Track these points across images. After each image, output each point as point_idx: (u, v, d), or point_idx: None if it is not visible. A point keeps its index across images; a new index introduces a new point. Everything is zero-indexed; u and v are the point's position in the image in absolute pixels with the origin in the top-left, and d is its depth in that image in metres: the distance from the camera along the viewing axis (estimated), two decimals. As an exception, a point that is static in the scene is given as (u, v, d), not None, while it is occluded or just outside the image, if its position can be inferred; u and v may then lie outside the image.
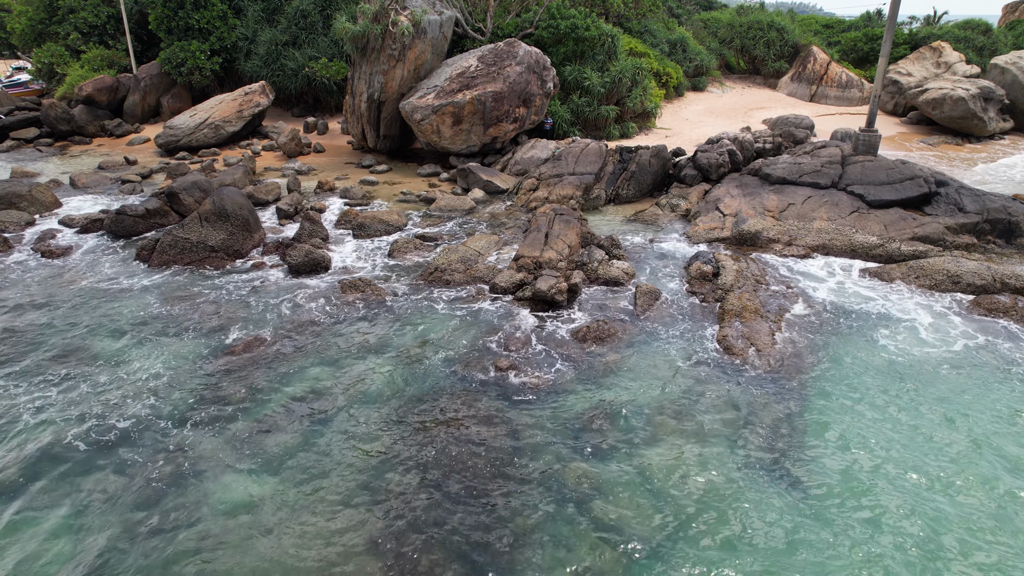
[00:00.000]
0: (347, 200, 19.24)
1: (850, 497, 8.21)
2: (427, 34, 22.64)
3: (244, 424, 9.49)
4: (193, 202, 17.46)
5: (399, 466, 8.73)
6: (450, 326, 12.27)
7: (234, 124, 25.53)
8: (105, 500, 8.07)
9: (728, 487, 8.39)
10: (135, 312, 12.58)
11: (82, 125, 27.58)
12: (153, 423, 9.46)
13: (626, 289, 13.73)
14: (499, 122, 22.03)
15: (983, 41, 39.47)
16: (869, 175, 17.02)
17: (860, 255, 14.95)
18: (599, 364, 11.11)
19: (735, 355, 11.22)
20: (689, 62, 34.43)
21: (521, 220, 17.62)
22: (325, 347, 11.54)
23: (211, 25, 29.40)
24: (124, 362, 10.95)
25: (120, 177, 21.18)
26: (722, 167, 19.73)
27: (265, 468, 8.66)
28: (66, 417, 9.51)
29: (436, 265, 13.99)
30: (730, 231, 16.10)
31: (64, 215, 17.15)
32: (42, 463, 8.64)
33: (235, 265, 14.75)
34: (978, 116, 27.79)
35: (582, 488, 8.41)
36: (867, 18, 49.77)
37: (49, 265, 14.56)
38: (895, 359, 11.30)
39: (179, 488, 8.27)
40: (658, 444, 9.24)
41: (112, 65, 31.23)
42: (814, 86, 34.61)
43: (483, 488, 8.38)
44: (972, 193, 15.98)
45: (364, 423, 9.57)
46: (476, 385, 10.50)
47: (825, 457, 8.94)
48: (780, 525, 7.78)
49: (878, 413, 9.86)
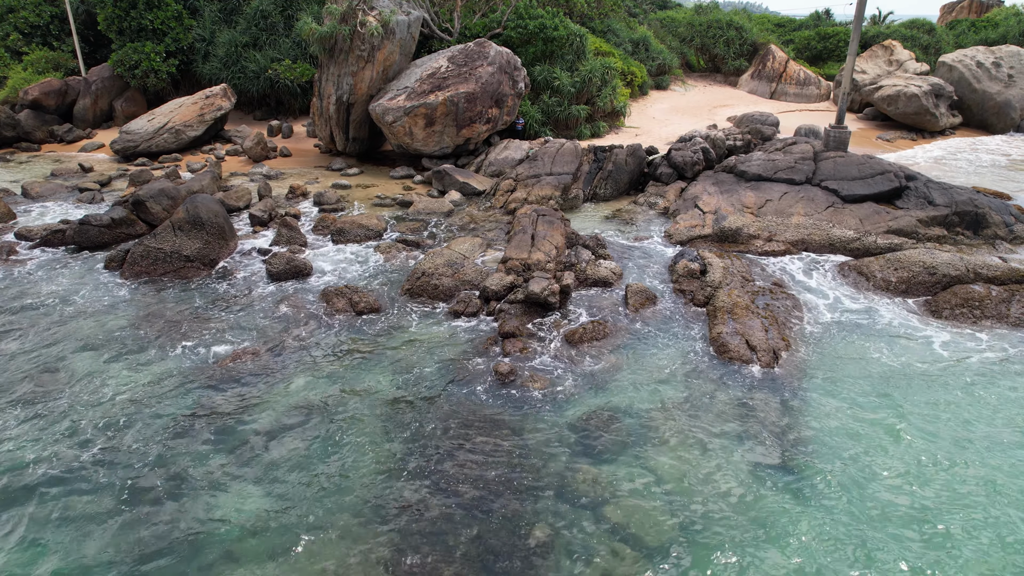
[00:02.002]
0: (321, 205, 18.76)
1: (860, 493, 8.33)
2: (396, 35, 22.26)
3: (239, 440, 9.09)
4: (161, 210, 16.75)
5: (407, 477, 8.49)
6: (442, 332, 12.04)
7: (196, 128, 24.64)
8: (95, 532, 7.60)
9: (738, 488, 8.42)
10: (109, 327, 11.97)
11: (29, 131, 26.20)
12: (140, 444, 8.97)
13: (615, 289, 13.72)
14: (472, 123, 21.81)
15: (928, 40, 41.03)
16: (841, 171, 17.44)
17: (839, 249, 15.29)
18: (597, 366, 11.04)
19: (731, 353, 11.30)
20: (652, 61, 34.81)
21: (502, 222, 17.46)
22: (315, 357, 11.18)
23: (166, 26, 28.33)
24: (103, 381, 10.37)
25: (77, 185, 20.19)
26: (697, 165, 19.96)
27: (266, 485, 8.31)
28: (42, 442, 8.94)
29: (423, 270, 13.72)
30: (711, 228, 16.27)
31: (21, 227, 16.23)
32: (16, 495, 8.09)
33: (212, 275, 14.19)
34: (931, 112, 28.85)
35: (593, 493, 8.33)
36: (816, 17, 51.24)
37: (9, 280, 13.74)
38: (890, 352, 11.56)
39: (177, 511, 7.86)
40: (663, 445, 9.23)
41: (58, 67, 29.80)
42: (774, 84, 35.42)
43: (495, 496, 8.21)
44: (940, 187, 16.53)
45: (365, 434, 9.28)
46: (476, 392, 10.31)
47: (830, 453, 9.05)
48: (792, 525, 7.84)
49: (878, 406, 10.05)
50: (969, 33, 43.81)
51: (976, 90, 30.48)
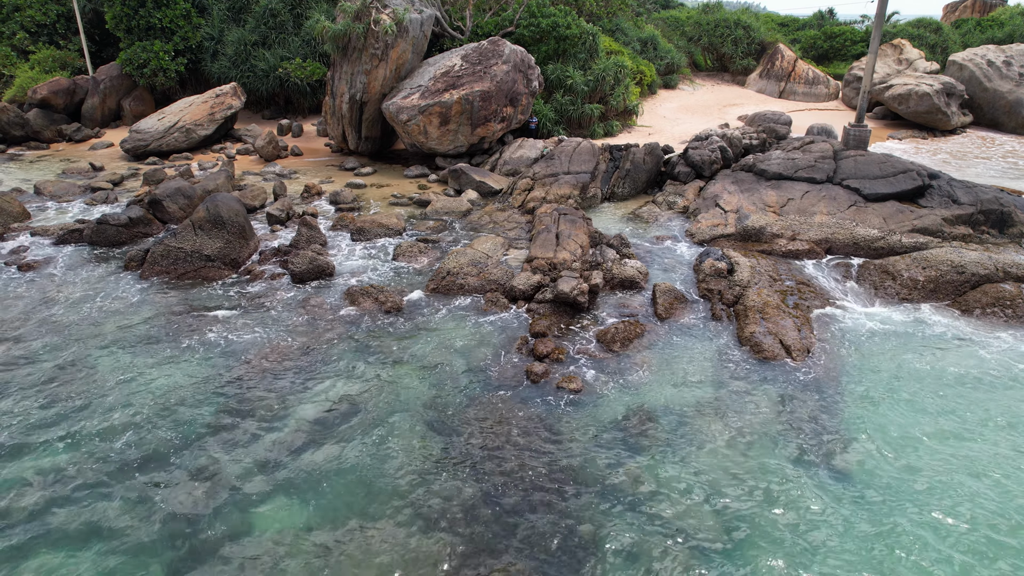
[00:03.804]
0: (337, 204, 18.61)
1: (906, 491, 8.21)
2: (409, 33, 22.11)
3: (276, 441, 8.95)
4: (177, 209, 16.60)
5: (449, 477, 8.35)
6: (471, 332, 11.90)
7: (206, 127, 24.47)
8: (137, 531, 7.45)
9: (783, 487, 8.30)
10: (133, 327, 11.80)
11: (37, 130, 26.02)
12: (174, 445, 8.82)
13: (642, 289, 13.59)
14: (487, 122, 21.67)
15: (935, 39, 40.97)
16: (862, 169, 17.33)
17: (863, 248, 15.16)
18: (630, 366, 10.91)
19: (765, 352, 11.18)
20: (660, 60, 34.71)
21: (521, 221, 17.32)
22: (344, 357, 11.03)
23: (174, 24, 28.16)
24: (131, 382, 10.21)
25: (89, 184, 20.00)
26: (715, 163, 19.84)
27: (307, 487, 8.16)
28: (76, 444, 8.79)
29: (447, 269, 13.58)
30: (734, 227, 16.14)
31: (37, 226, 16.05)
32: (57, 498, 7.94)
33: (234, 274, 14.03)
34: (942, 111, 28.78)
35: (637, 492, 8.21)
36: (819, 16, 51.22)
37: (30, 280, 13.57)
38: (924, 351, 11.45)
39: (218, 513, 7.71)
40: (704, 445, 9.10)
41: (65, 66, 29.63)
42: (783, 83, 35.33)
43: (543, 498, 8.08)
44: (964, 185, 16.43)
45: (402, 435, 9.14)
46: (511, 392, 10.17)
47: (875, 452, 8.93)
48: (840, 527, 7.71)
49: (919, 404, 9.93)
50: (975, 32, 43.77)
51: (987, 89, 30.42)
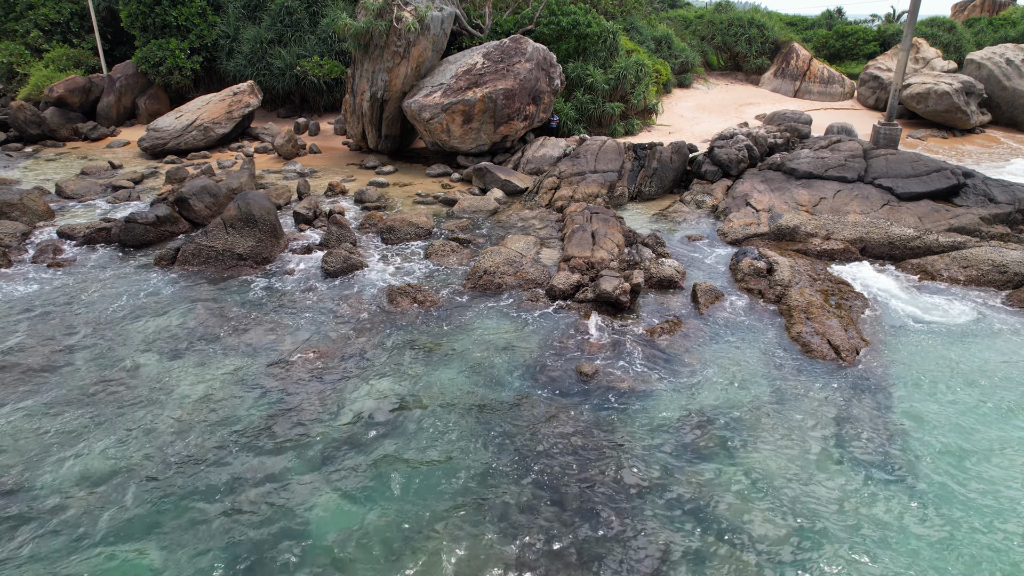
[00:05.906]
0: (363, 203, 18.44)
1: (968, 491, 8.05)
2: (430, 31, 21.94)
3: (326, 441, 8.78)
4: (204, 208, 16.43)
5: (506, 479, 8.18)
6: (515, 331, 11.74)
7: (224, 126, 24.30)
8: (194, 533, 7.28)
9: (844, 488, 8.16)
10: (170, 327, 11.63)
11: (54, 128, 25.84)
12: (223, 448, 8.65)
13: (680, 288, 13.42)
14: (510, 120, 21.50)
15: (948, 38, 40.81)
16: (894, 168, 17.18)
17: (899, 247, 15.00)
18: (680, 366, 10.75)
19: (814, 352, 11.03)
20: (675, 59, 34.54)
21: (551, 220, 17.15)
22: (388, 356, 10.86)
23: (190, 22, 27.98)
24: (174, 383, 10.05)
25: (110, 183, 19.82)
26: (742, 162, 19.68)
27: (360, 488, 8.00)
28: (123, 444, 8.63)
29: (484, 268, 13.42)
30: (767, 226, 15.98)
31: (63, 224, 15.87)
32: (108, 501, 7.77)
33: (266, 273, 13.86)
34: (961, 110, 28.62)
35: (697, 493, 8.07)
36: (828, 16, 51.10)
37: (60, 279, 13.39)
38: (973, 349, 11.29)
39: (273, 516, 7.54)
40: (761, 445, 8.96)
41: (79, 65, 29.43)
42: (798, 82, 35.17)
43: (603, 500, 7.92)
44: (1000, 184, 16.27)
45: (454, 435, 8.98)
46: (561, 392, 10.01)
47: (933, 452, 8.78)
48: (903, 527, 7.56)
49: (975, 404, 9.77)
50: (988, 31, 43.63)
51: (1006, 87, 30.26)
